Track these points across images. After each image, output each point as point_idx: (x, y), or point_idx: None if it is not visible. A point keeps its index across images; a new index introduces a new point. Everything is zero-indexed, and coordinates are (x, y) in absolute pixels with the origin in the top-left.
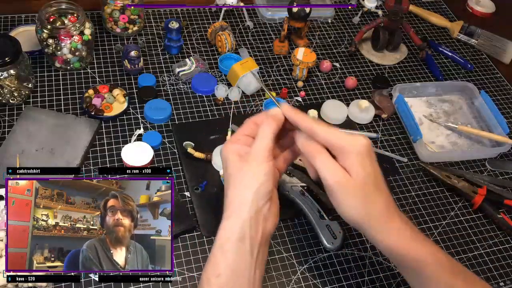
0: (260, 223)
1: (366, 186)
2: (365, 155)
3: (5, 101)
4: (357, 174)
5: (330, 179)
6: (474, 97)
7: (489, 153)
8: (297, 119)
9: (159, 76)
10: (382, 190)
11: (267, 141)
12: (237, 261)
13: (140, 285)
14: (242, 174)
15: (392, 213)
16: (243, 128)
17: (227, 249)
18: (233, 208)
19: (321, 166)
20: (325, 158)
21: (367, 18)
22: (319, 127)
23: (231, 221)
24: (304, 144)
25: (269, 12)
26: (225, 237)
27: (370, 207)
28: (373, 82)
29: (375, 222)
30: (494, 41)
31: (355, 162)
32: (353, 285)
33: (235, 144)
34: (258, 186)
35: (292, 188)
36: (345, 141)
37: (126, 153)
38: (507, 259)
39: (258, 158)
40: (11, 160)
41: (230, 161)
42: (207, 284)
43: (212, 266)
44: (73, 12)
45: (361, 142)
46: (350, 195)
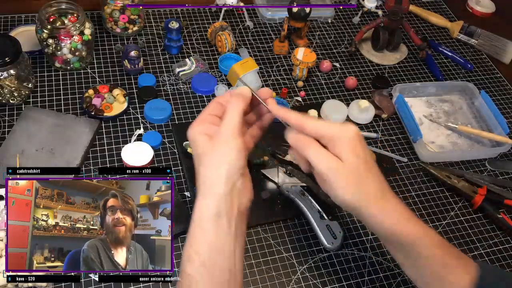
0: (235, 198)
1: (358, 170)
2: (355, 140)
3: (5, 101)
4: (348, 158)
5: (322, 166)
6: (474, 97)
7: (489, 153)
8: (285, 115)
9: (159, 76)
10: (374, 172)
11: (236, 119)
12: (216, 237)
13: (140, 285)
14: (214, 153)
15: (386, 194)
16: (208, 108)
17: (205, 226)
18: (207, 186)
19: (313, 156)
20: (316, 147)
21: (367, 18)
22: (308, 120)
23: (206, 198)
24: (294, 138)
25: (269, 12)
26: (202, 215)
27: (363, 189)
28: (373, 82)
29: (369, 204)
30: (494, 41)
31: (346, 147)
32: (353, 285)
33: (201, 125)
34: (230, 163)
35: (292, 188)
36: (334, 130)
37: (126, 153)
38: (507, 259)
39: (228, 136)
40: (11, 160)
41: (200, 141)
42: (189, 262)
43: (192, 244)
44: (73, 12)
45: (350, 128)
46: (343, 179)
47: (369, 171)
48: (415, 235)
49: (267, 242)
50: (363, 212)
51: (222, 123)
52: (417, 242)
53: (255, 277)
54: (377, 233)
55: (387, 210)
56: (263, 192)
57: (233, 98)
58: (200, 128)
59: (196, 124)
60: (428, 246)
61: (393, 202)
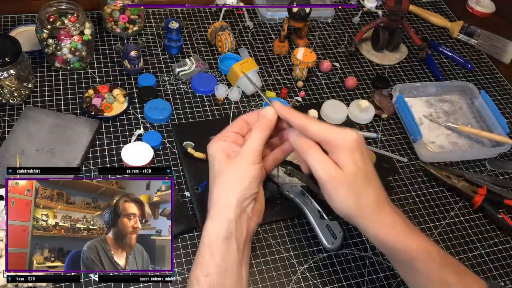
0: (244, 223)
1: (356, 180)
2: (355, 149)
3: (5, 101)
4: (348, 168)
5: (321, 173)
6: (474, 97)
7: (489, 153)
8: (288, 116)
9: (159, 76)
10: (373, 183)
11: (257, 145)
12: (225, 260)
13: (140, 285)
14: (229, 175)
15: (383, 206)
16: (232, 125)
17: (214, 249)
18: (218, 208)
19: (312, 161)
20: (316, 152)
21: (367, 18)
22: (310, 123)
23: (216, 221)
24: (296, 140)
25: (269, 12)
26: (212, 238)
27: (361, 200)
28: (373, 82)
29: (366, 215)
30: (494, 41)
31: (346, 156)
32: (353, 285)
33: (223, 141)
34: (243, 188)
35: (292, 188)
36: (335, 136)
37: (126, 153)
38: (507, 259)
39: (246, 160)
40: (11, 160)
41: (217, 159)
42: (197, 284)
43: (201, 266)
44: (73, 12)
45: (351, 136)
46: (341, 188)
47: (368, 181)
48: (413, 250)
49: (267, 242)
50: (359, 223)
51: (243, 146)
52: (415, 257)
53: (255, 277)
54: (375, 245)
55: (383, 222)
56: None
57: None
58: (221, 144)
59: (217, 139)
60: (426, 262)
61: (390, 214)
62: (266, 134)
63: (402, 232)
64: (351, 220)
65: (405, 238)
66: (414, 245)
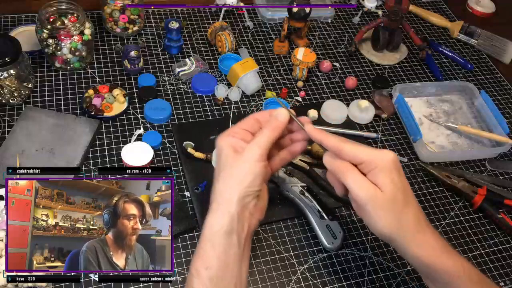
0: (246, 218)
1: (396, 200)
2: (393, 169)
3: (5, 101)
4: (387, 188)
5: (361, 194)
6: (474, 97)
7: (489, 153)
8: (322, 138)
9: (159, 76)
10: (412, 203)
11: (266, 143)
12: (226, 254)
13: (140, 285)
14: (233, 170)
15: (423, 225)
16: (243, 122)
17: (215, 242)
18: (221, 202)
19: (351, 183)
20: (355, 174)
21: (367, 18)
22: (346, 145)
23: (218, 214)
24: (332, 162)
25: (269, 12)
26: (214, 231)
27: (402, 220)
28: (373, 82)
29: (407, 234)
30: (494, 41)
31: (384, 176)
32: (353, 285)
33: (232, 137)
34: (246, 185)
35: (292, 188)
36: (373, 157)
37: (126, 153)
38: (507, 259)
39: (251, 157)
40: (11, 160)
41: (224, 153)
42: (197, 276)
43: (202, 258)
44: (73, 12)
45: (389, 156)
46: (382, 209)
47: (407, 202)
48: (453, 272)
49: (267, 242)
50: (399, 244)
51: (251, 143)
52: (456, 279)
53: (255, 277)
54: (414, 265)
55: (424, 243)
56: None
57: (272, 122)
58: (230, 140)
59: (227, 135)
60: (466, 283)
61: (429, 234)
62: (275, 134)
63: (441, 253)
64: (390, 241)
65: (444, 257)
66: (453, 264)
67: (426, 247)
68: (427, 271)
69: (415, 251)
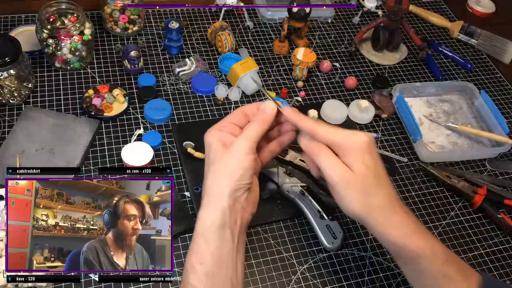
0: (238, 212)
1: (367, 180)
2: (366, 151)
3: (5, 101)
4: (358, 169)
5: (332, 174)
6: (474, 97)
7: (489, 153)
8: (297, 120)
9: (159, 76)
10: (384, 184)
11: (253, 136)
12: (220, 248)
13: (140, 285)
14: (223, 163)
15: (393, 206)
16: (230, 116)
17: (209, 237)
18: (212, 197)
19: (323, 163)
20: (327, 155)
21: (367, 18)
22: (320, 127)
23: (210, 209)
24: (306, 143)
25: (269, 12)
26: (206, 226)
27: (371, 200)
28: (373, 82)
29: (376, 215)
30: (494, 41)
31: (356, 157)
32: (353, 285)
33: (220, 131)
34: (236, 178)
35: (292, 188)
36: (345, 139)
37: (126, 153)
38: (507, 259)
39: (241, 151)
40: (11, 160)
41: (213, 148)
42: (192, 272)
43: (196, 253)
44: (73, 12)
45: (361, 138)
46: (352, 189)
47: (378, 183)
48: (419, 250)
49: (267, 242)
50: (369, 223)
51: (239, 136)
52: (421, 256)
53: (255, 277)
54: (383, 244)
55: (393, 222)
56: (263, 192)
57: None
58: (218, 134)
59: (215, 129)
60: (432, 261)
61: (400, 214)
62: (264, 127)
63: (411, 232)
64: (361, 220)
65: (412, 237)
66: (420, 244)
67: (396, 227)
68: (397, 251)
69: (385, 231)
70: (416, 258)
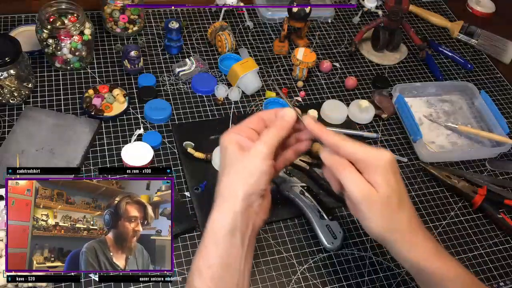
0: (250, 217)
1: (391, 201)
2: (390, 170)
3: (5, 101)
4: (382, 188)
5: (356, 192)
6: (474, 97)
7: (489, 153)
8: (321, 134)
9: (159, 76)
10: (406, 205)
11: (272, 141)
12: (228, 253)
13: (140, 285)
14: (239, 167)
15: (416, 228)
16: (248, 121)
17: (219, 241)
18: (225, 200)
19: (347, 180)
20: (351, 172)
21: (367, 18)
22: (344, 142)
23: (222, 213)
24: (329, 158)
25: (269, 12)
26: (217, 229)
27: (395, 222)
28: (373, 82)
29: (399, 237)
30: (494, 41)
31: (380, 176)
32: (353, 285)
33: (237, 135)
34: (252, 183)
35: (292, 188)
36: (370, 156)
37: (126, 153)
38: (507, 259)
39: (258, 155)
40: (11, 160)
41: (230, 150)
42: (199, 275)
43: (204, 257)
44: (73, 12)
45: (386, 156)
46: (376, 209)
47: (401, 203)
48: (443, 274)
49: (267, 242)
50: (392, 245)
51: (258, 140)
52: (445, 281)
53: (255, 277)
54: (405, 266)
55: (415, 245)
56: None
57: (279, 122)
58: (235, 137)
59: (232, 132)
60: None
61: (422, 236)
62: (282, 134)
63: (433, 255)
64: (382, 241)
65: (436, 260)
66: (445, 267)
67: (417, 249)
68: (418, 273)
69: (406, 253)
70: (439, 281)
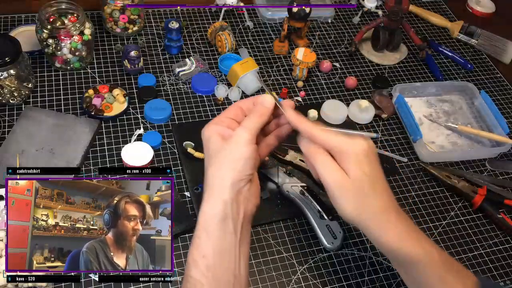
0: (241, 204)
1: (362, 186)
2: (363, 156)
3: (5, 101)
4: (354, 174)
5: (328, 178)
6: (474, 97)
7: (489, 153)
8: (297, 123)
9: (159, 76)
10: (380, 189)
11: (252, 127)
12: (222, 241)
13: (140, 285)
14: (223, 156)
15: (389, 213)
16: (227, 111)
17: (211, 230)
18: (213, 190)
19: (320, 167)
20: (324, 158)
21: (367, 18)
22: (318, 131)
23: (212, 202)
24: (305, 146)
25: (269, 12)
26: (208, 219)
27: (365, 206)
28: (373, 82)
29: (369, 221)
30: (494, 41)
31: (352, 163)
32: (353, 285)
33: (217, 125)
34: (238, 169)
35: (292, 188)
36: (343, 144)
37: (126, 153)
38: (507, 259)
39: (241, 141)
40: (11, 160)
41: (212, 141)
42: (194, 266)
43: (197, 247)
44: (73, 12)
45: (359, 144)
46: (347, 194)
47: (374, 188)
48: (414, 254)
49: (267, 242)
50: (363, 228)
51: (238, 127)
52: (417, 261)
53: (255, 277)
54: (378, 248)
55: (387, 227)
56: (263, 192)
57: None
58: (215, 128)
59: (212, 123)
60: (427, 265)
61: (395, 219)
62: (262, 120)
63: (405, 236)
64: (354, 225)
65: (407, 241)
66: (416, 248)
67: (389, 232)
68: (393, 256)
69: (379, 238)
70: (411, 263)
